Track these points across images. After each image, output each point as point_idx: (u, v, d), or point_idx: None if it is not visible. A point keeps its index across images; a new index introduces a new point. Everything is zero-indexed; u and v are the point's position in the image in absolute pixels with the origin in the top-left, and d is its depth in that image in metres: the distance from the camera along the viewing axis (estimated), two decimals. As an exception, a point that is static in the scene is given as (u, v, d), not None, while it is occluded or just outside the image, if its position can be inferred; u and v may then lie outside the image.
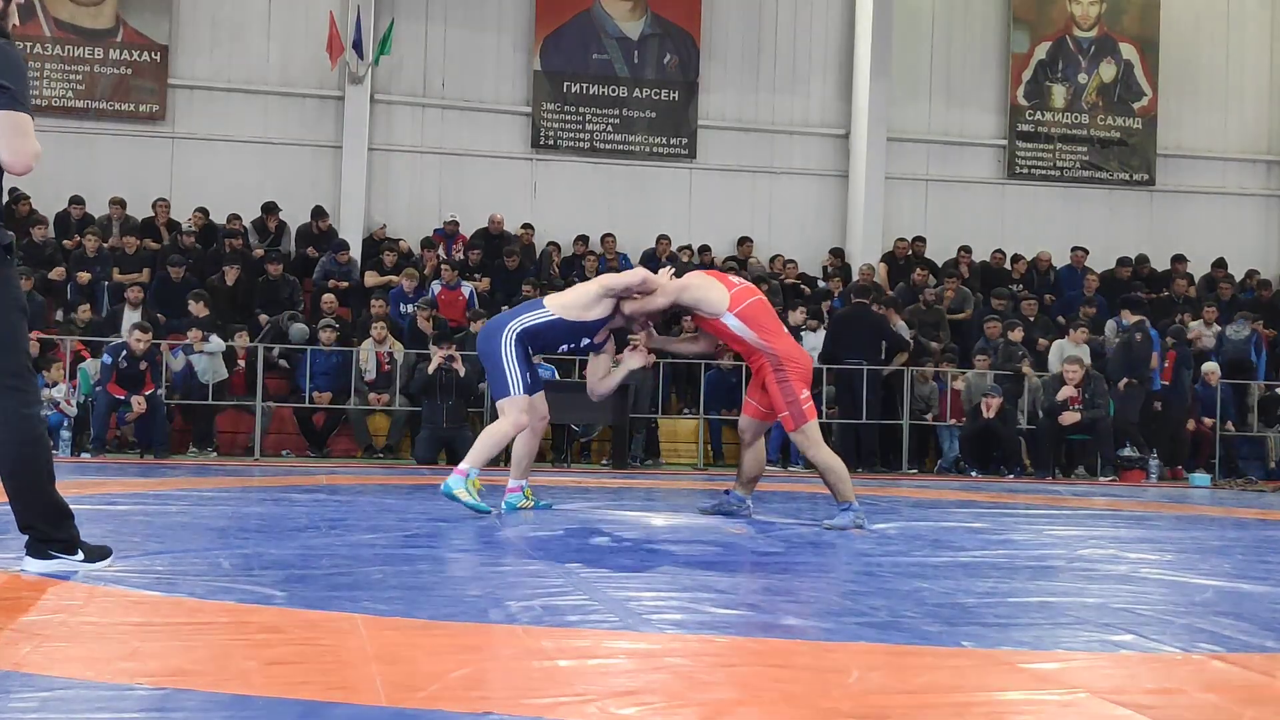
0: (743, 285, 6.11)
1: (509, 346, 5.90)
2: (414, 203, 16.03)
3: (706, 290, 5.98)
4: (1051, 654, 2.97)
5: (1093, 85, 17.50)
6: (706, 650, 2.92)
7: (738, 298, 5.96)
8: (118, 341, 11.30)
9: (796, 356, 5.97)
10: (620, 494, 8.25)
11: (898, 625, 3.25)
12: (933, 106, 17.18)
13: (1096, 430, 12.27)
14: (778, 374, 5.89)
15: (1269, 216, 18.14)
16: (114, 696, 2.31)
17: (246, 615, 3.18)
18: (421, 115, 16.07)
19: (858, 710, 2.36)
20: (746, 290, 6.05)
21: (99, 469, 9.29)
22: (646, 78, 16.53)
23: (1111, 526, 6.82)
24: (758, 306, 5.99)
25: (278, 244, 14.77)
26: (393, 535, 5.13)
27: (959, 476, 12.26)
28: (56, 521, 3.66)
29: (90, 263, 13.48)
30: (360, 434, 12.40)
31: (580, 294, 6.08)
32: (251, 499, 7.02)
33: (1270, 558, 5.41)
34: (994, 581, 4.20)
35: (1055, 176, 17.47)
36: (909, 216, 16.88)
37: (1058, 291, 15.94)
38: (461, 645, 2.88)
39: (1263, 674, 2.81)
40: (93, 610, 3.19)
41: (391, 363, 12.40)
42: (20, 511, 3.63)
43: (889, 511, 7.20)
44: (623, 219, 16.31)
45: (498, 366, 5.92)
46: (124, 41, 15.34)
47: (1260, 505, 9.41)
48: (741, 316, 5.91)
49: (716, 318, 5.95)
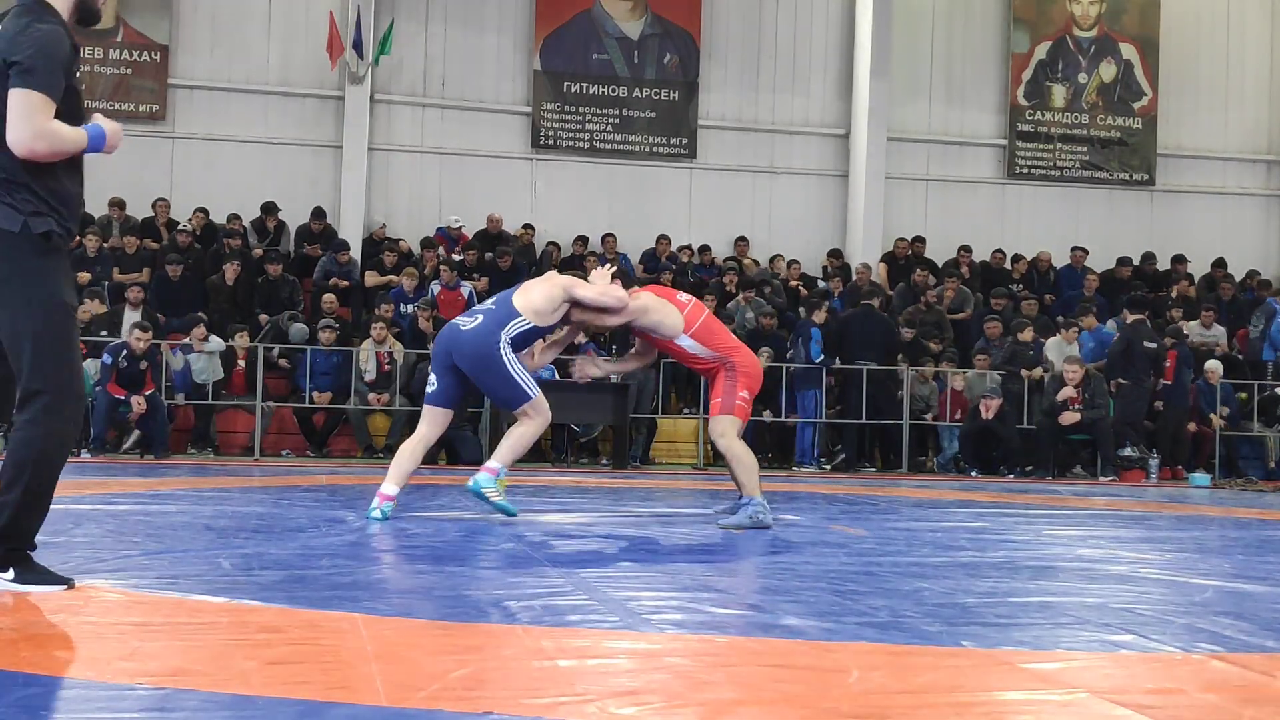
0: (692, 303, 6.13)
1: (507, 354, 5.81)
2: (414, 203, 16.03)
3: (663, 314, 6.00)
4: (1051, 654, 2.97)
5: (1093, 85, 17.50)
6: (706, 650, 2.92)
7: (690, 319, 6.01)
8: (118, 341, 11.30)
9: (751, 365, 6.12)
10: (620, 494, 8.25)
11: (898, 625, 3.25)
12: (933, 106, 17.18)
13: (1097, 430, 12.27)
14: (728, 374, 6.02)
15: (1269, 216, 18.14)
16: (114, 696, 2.30)
17: (246, 615, 3.18)
18: (421, 115, 16.07)
19: (858, 710, 2.36)
20: (696, 308, 6.10)
21: (99, 469, 9.29)
22: (646, 78, 16.52)
23: (1111, 526, 6.82)
24: (709, 322, 6.09)
25: (277, 244, 14.77)
26: (393, 535, 5.13)
27: (959, 476, 12.27)
28: None
29: (90, 263, 13.48)
30: (360, 434, 12.40)
31: (546, 298, 5.95)
32: (251, 499, 7.02)
33: (1270, 558, 5.42)
34: (994, 581, 4.20)
35: (1055, 176, 17.47)
36: (909, 216, 16.88)
37: (1058, 291, 15.94)
38: (461, 645, 2.87)
39: (1262, 674, 2.81)
40: (93, 610, 3.19)
41: (391, 363, 12.40)
42: None
43: (889, 511, 7.20)
44: (622, 219, 16.31)
45: (505, 377, 5.82)
46: (124, 41, 15.34)
47: (1260, 505, 9.41)
48: (696, 337, 5.99)
49: (672, 340, 6.00)
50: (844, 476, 11.67)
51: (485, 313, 5.97)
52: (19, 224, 3.31)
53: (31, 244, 3.33)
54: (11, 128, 3.28)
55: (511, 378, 5.82)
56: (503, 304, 5.96)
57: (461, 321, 6.00)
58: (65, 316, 3.39)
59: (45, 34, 3.32)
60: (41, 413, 3.32)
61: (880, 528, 6.12)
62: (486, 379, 5.89)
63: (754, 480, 5.95)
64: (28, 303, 3.33)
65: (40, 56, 3.29)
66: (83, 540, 4.60)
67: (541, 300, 5.93)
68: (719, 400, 6.00)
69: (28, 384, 3.33)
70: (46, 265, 3.36)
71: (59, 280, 3.40)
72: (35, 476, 3.32)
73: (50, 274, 3.37)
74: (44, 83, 3.29)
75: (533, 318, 5.88)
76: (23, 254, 3.32)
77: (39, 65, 3.28)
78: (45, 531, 4.81)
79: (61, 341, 3.37)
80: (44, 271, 3.35)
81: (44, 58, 3.29)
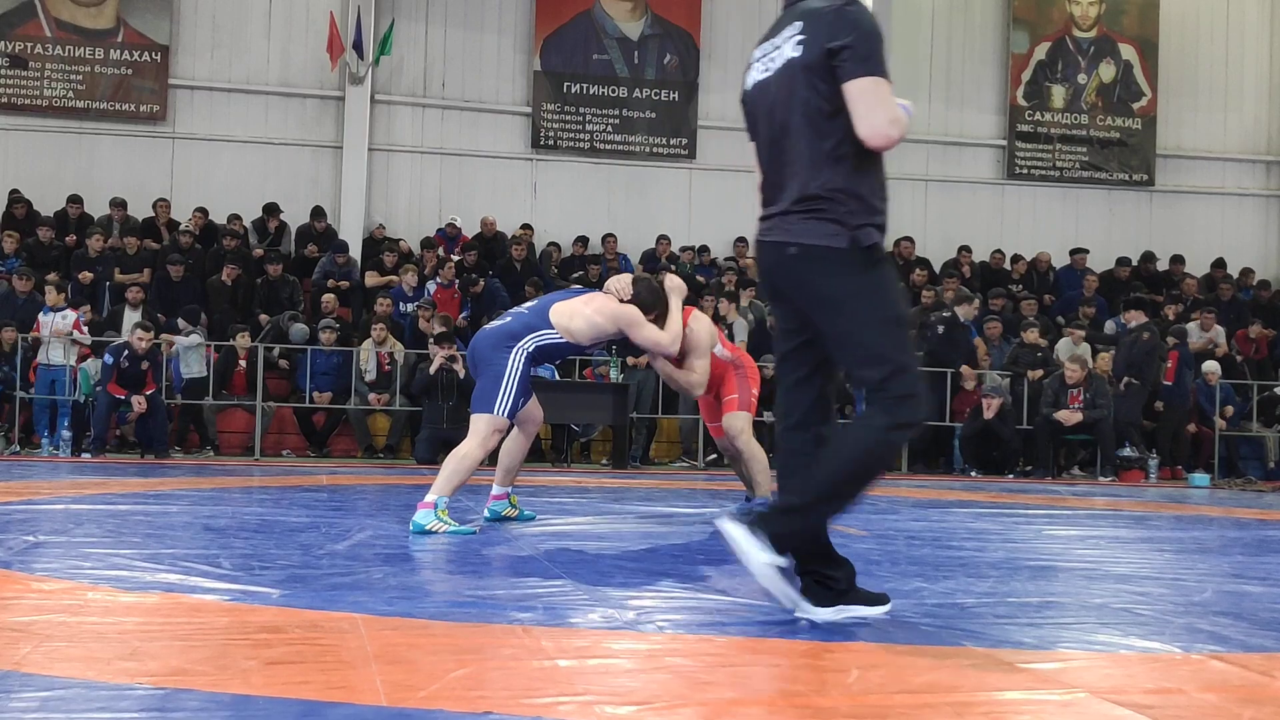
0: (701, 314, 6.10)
1: (517, 364, 5.47)
2: (414, 203, 16.04)
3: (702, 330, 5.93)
4: (1051, 654, 2.97)
5: (1092, 85, 17.50)
6: (706, 650, 2.92)
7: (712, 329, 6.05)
8: (119, 341, 11.31)
9: (753, 366, 6.29)
10: (620, 494, 8.25)
11: (898, 625, 3.25)
12: (933, 106, 17.18)
13: (1098, 431, 12.27)
14: (738, 372, 6.13)
15: (1269, 216, 18.14)
16: (114, 696, 2.31)
17: (246, 615, 3.18)
18: (421, 115, 16.07)
19: (857, 710, 2.36)
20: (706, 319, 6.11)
21: (99, 469, 9.29)
22: (646, 78, 16.53)
23: (1111, 526, 6.82)
24: (717, 330, 6.17)
25: (278, 244, 14.77)
26: (393, 535, 5.13)
27: (959, 476, 12.27)
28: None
29: (92, 263, 13.48)
30: (360, 434, 12.40)
31: (590, 325, 5.57)
32: (251, 499, 7.02)
33: (1270, 558, 5.41)
34: (994, 581, 4.21)
35: (1055, 177, 17.47)
36: (908, 217, 16.88)
37: (1057, 291, 15.94)
38: (461, 645, 2.87)
39: (1262, 674, 2.81)
40: (93, 610, 3.19)
41: (392, 363, 12.40)
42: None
43: (889, 512, 7.20)
44: (622, 219, 16.31)
45: (495, 380, 5.45)
46: (124, 42, 15.34)
47: (1260, 505, 9.41)
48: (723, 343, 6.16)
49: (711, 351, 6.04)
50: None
51: (515, 315, 5.71)
52: (846, 240, 3.11)
53: (863, 257, 3.12)
54: (863, 119, 3.07)
55: (500, 382, 5.43)
56: (538, 313, 5.63)
57: (493, 321, 5.83)
58: (896, 328, 3.17)
59: (859, 13, 3.13)
60: (881, 420, 3.12)
61: (880, 528, 6.12)
62: (480, 368, 5.56)
63: (766, 479, 6.00)
64: (865, 321, 3.13)
65: (870, 39, 3.10)
66: (83, 540, 4.60)
67: (584, 326, 5.56)
68: (735, 396, 6.06)
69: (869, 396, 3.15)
70: (879, 278, 3.16)
71: (893, 290, 3.21)
72: (849, 481, 3.16)
73: (884, 285, 3.17)
74: (881, 66, 3.10)
75: (566, 335, 5.57)
76: (852, 270, 3.12)
77: (873, 49, 3.09)
78: (45, 531, 4.83)
79: (895, 350, 3.14)
80: (877, 285, 3.15)
81: (873, 39, 3.10)
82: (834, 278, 3.13)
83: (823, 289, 3.14)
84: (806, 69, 3.12)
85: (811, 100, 3.13)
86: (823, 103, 3.12)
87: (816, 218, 3.12)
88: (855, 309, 3.13)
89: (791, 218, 3.17)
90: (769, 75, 3.25)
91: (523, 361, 5.48)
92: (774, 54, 3.25)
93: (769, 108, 3.25)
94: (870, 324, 3.13)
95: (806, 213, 3.14)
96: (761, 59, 3.32)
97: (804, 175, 3.15)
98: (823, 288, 3.14)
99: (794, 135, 3.17)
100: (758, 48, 3.36)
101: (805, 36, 3.13)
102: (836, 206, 3.11)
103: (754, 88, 3.34)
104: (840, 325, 3.16)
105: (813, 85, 3.12)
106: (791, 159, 3.18)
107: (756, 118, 3.33)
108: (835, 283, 3.13)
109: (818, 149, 3.13)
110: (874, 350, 3.13)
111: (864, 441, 3.14)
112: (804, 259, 3.14)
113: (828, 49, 3.08)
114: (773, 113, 3.23)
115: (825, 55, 3.09)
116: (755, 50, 3.38)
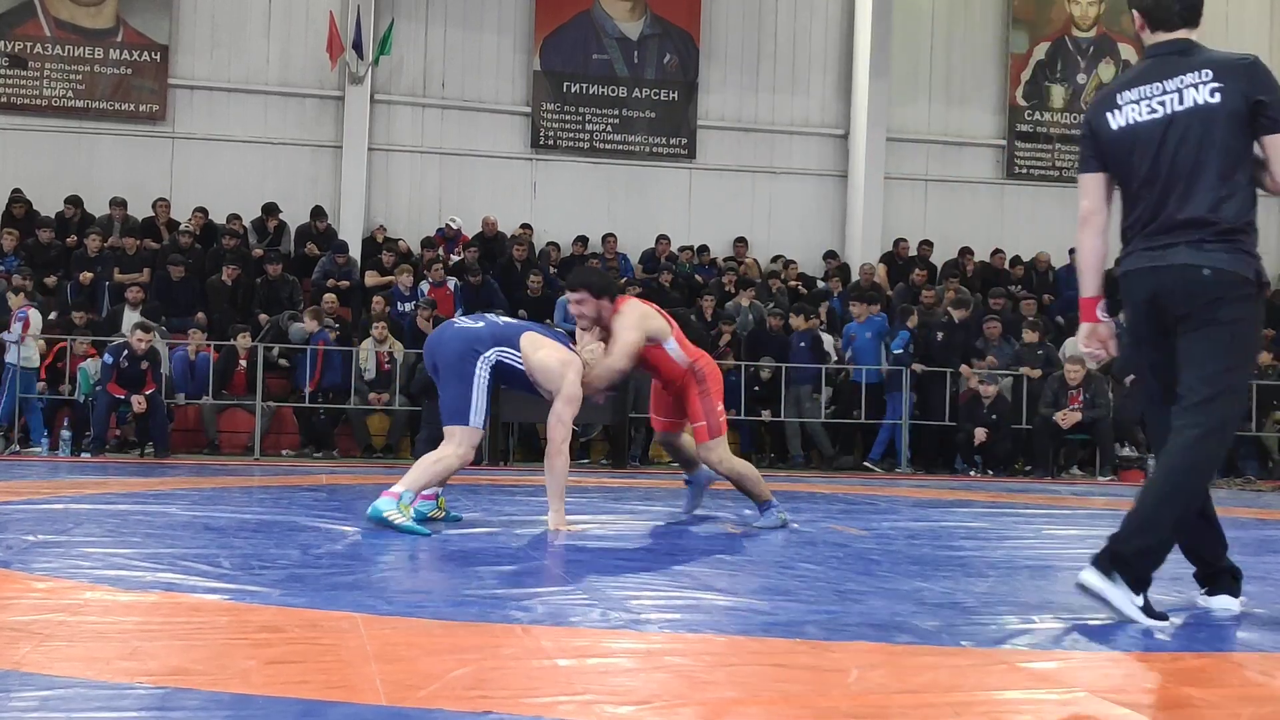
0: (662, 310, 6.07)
1: (484, 373, 5.46)
2: (414, 203, 16.04)
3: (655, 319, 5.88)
4: (1051, 654, 2.98)
5: (1092, 86, 17.50)
6: (706, 650, 2.92)
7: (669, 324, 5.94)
8: (119, 341, 11.31)
9: (714, 369, 6.07)
10: (619, 494, 8.25)
11: (898, 625, 3.25)
12: (932, 106, 17.19)
13: (1097, 430, 12.27)
14: (700, 387, 5.93)
15: (1268, 217, 18.14)
16: (114, 696, 2.31)
17: (246, 615, 3.18)
18: (421, 115, 16.07)
19: (857, 710, 2.37)
20: (667, 315, 6.04)
21: (99, 469, 9.29)
22: (646, 78, 16.53)
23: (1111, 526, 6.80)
24: (677, 330, 6.00)
25: (277, 244, 14.77)
26: (392, 535, 5.13)
27: (959, 476, 12.27)
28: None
29: (91, 263, 13.48)
30: (360, 434, 12.40)
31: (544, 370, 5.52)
32: (251, 499, 7.02)
33: (1270, 558, 5.42)
34: (994, 581, 4.21)
35: (1054, 177, 17.47)
36: (908, 217, 16.89)
37: (1056, 292, 15.94)
38: (461, 645, 2.87)
39: (1262, 674, 2.81)
40: (92, 610, 3.19)
41: (391, 362, 12.40)
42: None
43: (889, 511, 7.20)
44: (622, 219, 16.32)
45: (465, 389, 5.42)
46: (124, 41, 15.34)
47: (1260, 505, 9.40)
48: (678, 340, 5.93)
49: (660, 344, 5.88)
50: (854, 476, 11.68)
51: (489, 322, 5.65)
52: (1252, 271, 3.42)
53: (1259, 291, 3.45)
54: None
55: (470, 390, 5.41)
56: (512, 331, 5.61)
57: (459, 320, 5.80)
58: (1252, 360, 3.58)
59: (1268, 70, 3.41)
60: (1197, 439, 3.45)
61: (880, 528, 6.12)
62: (449, 377, 5.50)
63: (763, 486, 6.00)
64: (1233, 348, 3.44)
65: None
66: (82, 540, 4.60)
67: (540, 370, 5.53)
68: (703, 424, 5.90)
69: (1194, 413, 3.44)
70: (1262, 310, 3.53)
71: (1262, 323, 3.61)
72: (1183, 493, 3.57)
73: (1261, 318, 3.54)
74: None
75: (526, 366, 5.53)
76: (1250, 298, 3.43)
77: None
78: (45, 531, 4.83)
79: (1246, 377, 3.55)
80: (1259, 316, 3.51)
81: None
82: (1236, 303, 3.42)
83: (1222, 310, 3.41)
84: (1231, 116, 3.39)
85: (1232, 145, 3.40)
86: (1241, 147, 3.42)
87: (1230, 249, 3.41)
88: (1236, 332, 3.43)
89: (1207, 245, 3.42)
90: (1160, 115, 3.49)
91: (489, 373, 5.48)
92: (1164, 97, 3.49)
93: (1172, 145, 3.47)
94: (1235, 350, 3.44)
95: (1221, 242, 3.41)
96: (1141, 101, 3.54)
97: (1215, 209, 3.42)
98: (1222, 309, 3.41)
99: (1207, 172, 3.42)
100: (1129, 89, 3.56)
101: (1223, 85, 3.40)
102: (1246, 239, 3.43)
103: (1136, 125, 3.55)
104: (1216, 341, 3.43)
105: (1233, 131, 3.40)
106: (1198, 193, 3.44)
107: (1136, 152, 3.56)
108: (1236, 307, 3.42)
109: (1233, 186, 3.42)
110: (1220, 372, 3.43)
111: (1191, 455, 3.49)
112: (1215, 282, 3.41)
113: (1256, 101, 3.37)
114: (1178, 151, 3.46)
115: (1250, 106, 3.37)
116: (1122, 91, 3.58)
